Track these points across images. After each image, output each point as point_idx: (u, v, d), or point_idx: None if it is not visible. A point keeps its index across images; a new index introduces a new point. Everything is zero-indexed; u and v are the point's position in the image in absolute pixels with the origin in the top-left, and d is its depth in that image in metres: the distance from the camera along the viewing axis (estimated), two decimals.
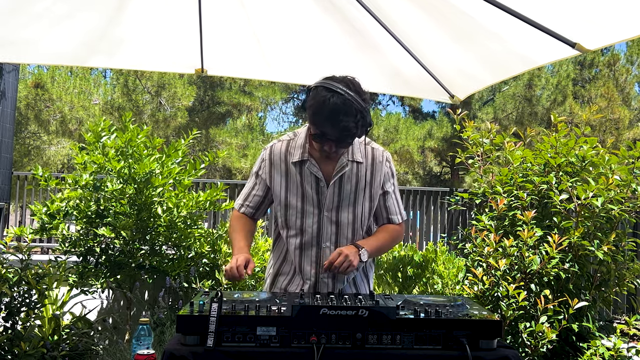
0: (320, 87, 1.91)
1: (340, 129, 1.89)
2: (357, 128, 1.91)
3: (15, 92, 7.76)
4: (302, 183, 2.08)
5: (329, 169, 2.08)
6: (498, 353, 1.61)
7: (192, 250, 4.02)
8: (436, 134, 15.76)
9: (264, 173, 2.15)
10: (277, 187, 2.12)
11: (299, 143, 2.10)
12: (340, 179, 2.07)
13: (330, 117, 1.88)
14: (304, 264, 2.11)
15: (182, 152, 4.03)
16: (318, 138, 1.97)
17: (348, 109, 1.87)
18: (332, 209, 2.08)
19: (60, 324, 3.73)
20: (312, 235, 2.09)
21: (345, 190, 2.08)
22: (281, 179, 2.11)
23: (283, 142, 2.15)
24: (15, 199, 7.74)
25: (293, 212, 2.10)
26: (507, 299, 3.42)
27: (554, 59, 2.60)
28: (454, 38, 2.86)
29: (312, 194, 2.08)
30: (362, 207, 2.11)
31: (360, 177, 2.10)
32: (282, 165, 2.11)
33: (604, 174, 3.56)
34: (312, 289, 2.11)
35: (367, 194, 2.12)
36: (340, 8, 2.93)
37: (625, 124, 15.02)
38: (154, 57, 3.55)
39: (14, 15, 2.89)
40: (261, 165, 2.17)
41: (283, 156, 2.12)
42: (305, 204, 2.08)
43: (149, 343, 1.76)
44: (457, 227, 6.63)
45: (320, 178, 2.06)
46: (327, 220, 2.08)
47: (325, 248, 2.09)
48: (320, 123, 1.92)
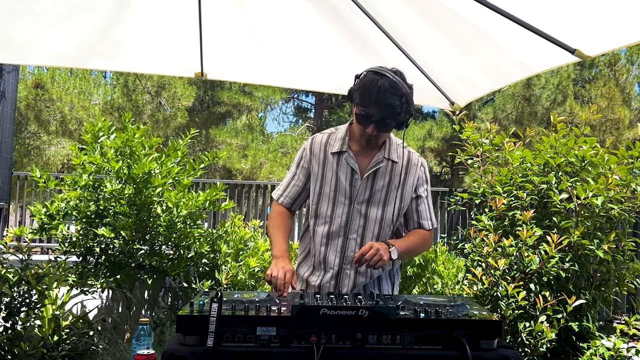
0: (369, 71, 2.02)
1: (385, 107, 1.97)
2: (401, 109, 1.99)
3: (15, 92, 7.76)
4: (338, 173, 2.13)
5: (365, 162, 2.13)
6: (498, 353, 1.61)
7: (192, 250, 4.02)
8: (436, 134, 15.76)
9: (305, 162, 2.21)
10: (314, 175, 2.18)
11: (340, 136, 2.17)
12: (374, 173, 2.12)
13: (377, 96, 1.96)
14: (328, 253, 2.14)
15: (182, 152, 4.04)
16: (362, 119, 2.03)
17: (395, 90, 1.97)
18: (363, 202, 2.12)
19: (60, 324, 3.73)
20: (340, 225, 2.13)
21: (378, 185, 2.13)
22: (319, 168, 2.17)
23: (325, 134, 2.22)
24: (15, 199, 7.74)
25: (325, 200, 2.15)
26: (506, 299, 3.42)
27: (554, 65, 2.61)
28: (454, 45, 2.87)
29: (345, 185, 2.12)
30: (393, 206, 2.15)
31: (394, 175, 2.15)
32: (321, 155, 2.17)
33: (603, 173, 3.56)
34: (334, 279, 2.13)
35: (398, 194, 2.15)
36: (340, 13, 2.93)
37: (626, 124, 15.03)
38: (153, 60, 3.55)
39: (14, 16, 2.89)
40: (302, 155, 2.23)
41: (323, 147, 2.18)
42: (337, 194, 2.13)
43: (149, 343, 1.76)
44: (457, 227, 6.63)
45: (355, 170, 2.12)
46: (356, 213, 2.12)
47: (352, 240, 2.12)
48: (366, 102, 1.99)
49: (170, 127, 14.46)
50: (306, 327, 1.58)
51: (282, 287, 1.94)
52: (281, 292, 1.94)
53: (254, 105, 16.55)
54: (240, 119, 16.83)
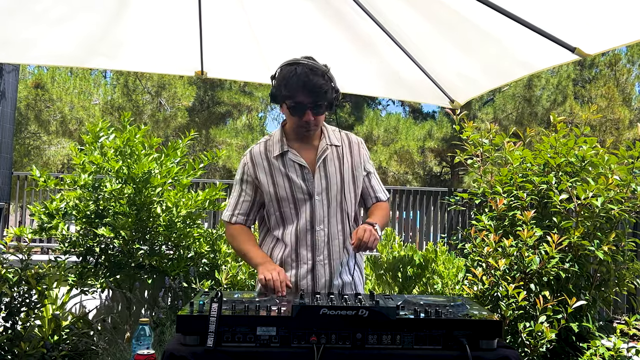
0: (284, 65, 2.08)
1: (312, 88, 2.00)
2: (327, 86, 2.03)
3: (15, 92, 7.76)
4: (287, 174, 2.14)
5: (310, 156, 2.16)
6: (498, 353, 1.61)
7: (192, 250, 4.02)
8: (436, 134, 15.76)
9: (249, 176, 2.21)
10: (265, 185, 2.17)
11: (276, 140, 2.20)
12: (324, 162, 2.16)
13: (300, 82, 2.00)
14: (300, 249, 2.15)
15: (181, 152, 4.03)
16: (295, 110, 2.06)
17: (315, 71, 2.02)
18: (322, 191, 2.15)
19: (60, 324, 3.73)
20: (306, 220, 2.14)
21: (330, 172, 2.16)
22: (266, 176, 2.17)
23: (260, 143, 2.24)
24: (15, 199, 7.74)
25: (286, 203, 2.15)
26: (506, 299, 3.42)
27: (554, 63, 2.62)
28: (454, 43, 2.87)
29: (299, 182, 2.14)
30: (349, 186, 2.20)
31: (342, 158, 2.20)
32: (265, 163, 2.18)
33: (603, 174, 3.56)
34: (309, 273, 2.14)
35: (351, 174, 2.21)
36: (341, 12, 2.93)
37: (626, 124, 15.02)
38: (153, 59, 3.55)
39: (13, 15, 2.89)
40: (244, 170, 2.22)
41: (263, 155, 2.19)
42: (295, 193, 2.14)
43: (149, 343, 1.76)
44: (457, 227, 6.63)
45: (304, 165, 2.14)
46: (318, 204, 2.14)
47: (320, 231, 2.15)
48: (293, 92, 2.02)
49: (170, 127, 14.45)
50: (306, 327, 1.58)
51: (279, 287, 1.95)
52: (280, 292, 1.94)
53: (254, 105, 16.54)
54: (240, 119, 16.82)
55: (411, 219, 7.48)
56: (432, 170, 19.02)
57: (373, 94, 11.52)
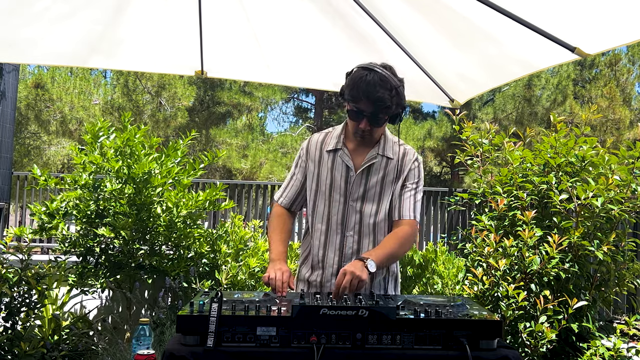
0: (359, 67, 2.04)
1: (375, 101, 1.97)
2: (391, 102, 2.00)
3: (15, 92, 7.75)
4: (333, 171, 2.14)
5: (359, 160, 2.14)
6: (498, 353, 1.61)
7: (192, 250, 4.02)
8: (436, 134, 15.77)
9: (302, 162, 2.23)
10: (310, 174, 2.20)
11: (336, 134, 2.19)
12: (368, 169, 2.13)
13: (366, 90, 1.97)
14: (327, 251, 2.15)
15: (182, 152, 4.03)
16: (354, 115, 2.04)
17: (384, 83, 1.97)
18: (358, 198, 2.13)
19: (60, 324, 3.73)
20: (337, 223, 2.14)
21: (371, 181, 2.13)
22: (314, 166, 2.18)
23: (322, 133, 2.24)
24: (15, 199, 7.74)
25: (321, 199, 2.16)
26: (507, 299, 3.42)
27: (554, 63, 2.61)
28: (454, 42, 2.87)
29: (340, 182, 2.13)
30: (387, 201, 2.15)
31: (388, 172, 2.15)
32: (317, 154, 2.19)
33: (603, 174, 3.56)
34: (333, 277, 2.10)
35: (392, 189, 2.16)
36: (341, 11, 2.93)
37: (626, 124, 15.03)
38: (153, 59, 3.55)
39: (13, 15, 2.89)
40: (300, 155, 2.25)
41: (319, 145, 2.20)
42: (332, 192, 2.14)
43: (149, 343, 1.76)
44: (457, 227, 6.63)
45: (350, 167, 2.13)
46: (352, 210, 2.13)
47: (349, 237, 2.13)
48: (356, 98, 2.00)
49: (170, 127, 14.46)
50: (306, 327, 1.58)
51: (280, 287, 1.95)
52: (280, 292, 1.94)
53: (254, 105, 16.55)
54: (240, 119, 16.83)
55: None
56: (432, 170, 19.02)
57: None
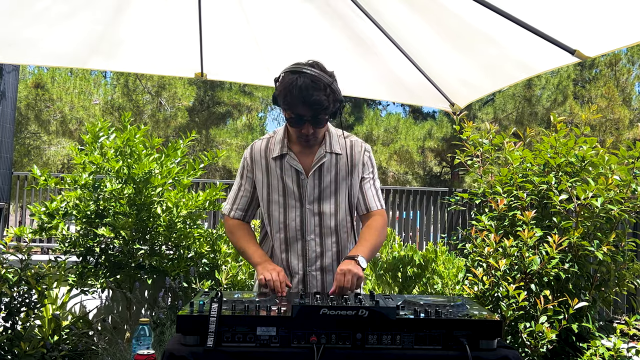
0: (286, 72, 1.97)
1: (312, 104, 1.92)
2: (328, 102, 1.95)
3: (15, 92, 7.76)
4: (283, 177, 2.10)
5: (308, 161, 2.10)
6: (498, 353, 1.61)
7: (192, 250, 4.02)
8: (436, 134, 15.77)
9: (247, 172, 2.18)
10: (259, 183, 2.15)
11: (278, 139, 2.13)
12: (319, 169, 2.09)
13: (300, 96, 1.91)
14: (290, 258, 2.12)
15: (182, 152, 4.03)
16: (294, 122, 2.00)
17: (316, 85, 1.91)
18: (314, 201, 2.09)
19: (60, 324, 3.73)
20: (295, 229, 2.10)
21: (325, 181, 2.10)
22: (262, 175, 2.14)
23: (263, 140, 2.18)
24: (15, 199, 7.74)
25: (275, 207, 2.12)
26: (507, 299, 3.42)
27: (554, 66, 2.61)
28: (454, 46, 2.87)
29: (292, 188, 2.09)
30: (344, 197, 2.12)
31: (340, 168, 2.11)
32: (263, 162, 2.14)
33: (603, 174, 3.56)
34: (300, 283, 2.11)
35: (347, 184, 2.12)
36: (341, 14, 2.93)
37: (626, 124, 15.03)
38: (153, 61, 3.55)
39: (14, 16, 2.89)
40: (244, 165, 2.19)
41: (263, 153, 2.14)
42: (287, 198, 2.10)
43: (149, 343, 1.76)
44: (457, 227, 6.63)
45: (300, 171, 2.08)
46: (309, 213, 2.09)
47: (310, 240, 2.10)
48: (292, 105, 1.95)
49: (170, 127, 14.46)
50: (306, 327, 1.58)
51: (279, 287, 1.94)
52: (280, 292, 1.94)
53: (254, 105, 16.55)
54: (240, 119, 16.83)
55: (411, 219, 7.48)
56: (432, 170, 19.02)
57: (373, 97, 11.50)
